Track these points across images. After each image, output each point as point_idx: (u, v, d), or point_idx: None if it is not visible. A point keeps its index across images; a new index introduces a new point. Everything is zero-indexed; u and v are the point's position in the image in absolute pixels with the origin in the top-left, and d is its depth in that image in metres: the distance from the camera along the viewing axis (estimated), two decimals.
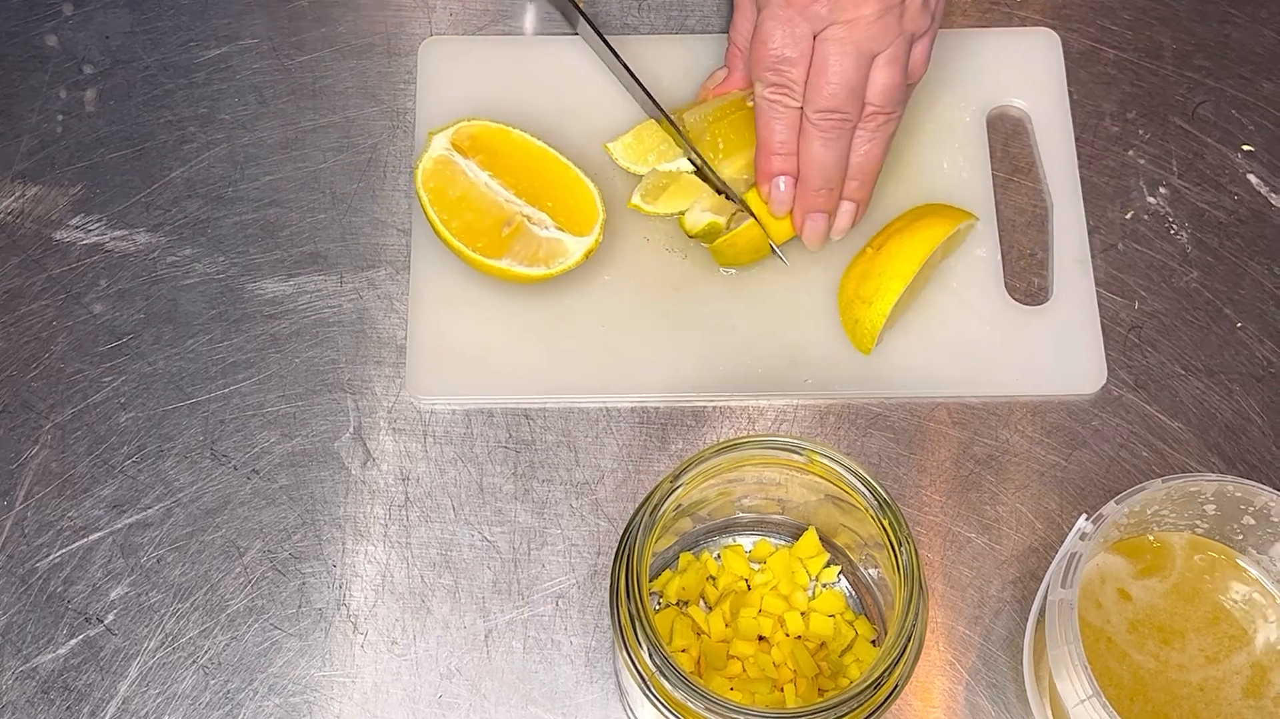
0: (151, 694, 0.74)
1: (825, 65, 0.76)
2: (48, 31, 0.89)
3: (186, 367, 0.81)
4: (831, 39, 0.75)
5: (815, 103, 0.77)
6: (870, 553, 0.70)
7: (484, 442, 0.79)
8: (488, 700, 0.74)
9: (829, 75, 0.76)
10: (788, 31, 0.76)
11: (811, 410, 0.80)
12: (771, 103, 0.78)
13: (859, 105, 0.77)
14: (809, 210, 0.80)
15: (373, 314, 0.82)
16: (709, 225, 0.81)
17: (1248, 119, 0.87)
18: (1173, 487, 0.68)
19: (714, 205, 0.81)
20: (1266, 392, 0.81)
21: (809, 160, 0.79)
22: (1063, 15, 0.90)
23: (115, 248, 0.83)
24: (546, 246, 0.79)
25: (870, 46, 0.75)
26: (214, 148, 0.86)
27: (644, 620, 0.61)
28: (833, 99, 0.76)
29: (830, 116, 0.77)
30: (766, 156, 0.80)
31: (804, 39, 0.76)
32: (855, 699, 0.60)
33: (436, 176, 0.80)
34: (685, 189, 0.82)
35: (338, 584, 0.76)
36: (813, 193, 0.80)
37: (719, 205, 0.81)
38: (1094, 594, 0.71)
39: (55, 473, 0.78)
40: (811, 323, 0.81)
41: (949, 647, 0.75)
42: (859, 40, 0.75)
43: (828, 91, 0.76)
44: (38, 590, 0.76)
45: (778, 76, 0.77)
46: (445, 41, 0.88)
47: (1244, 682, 0.69)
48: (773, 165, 0.80)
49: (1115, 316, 0.82)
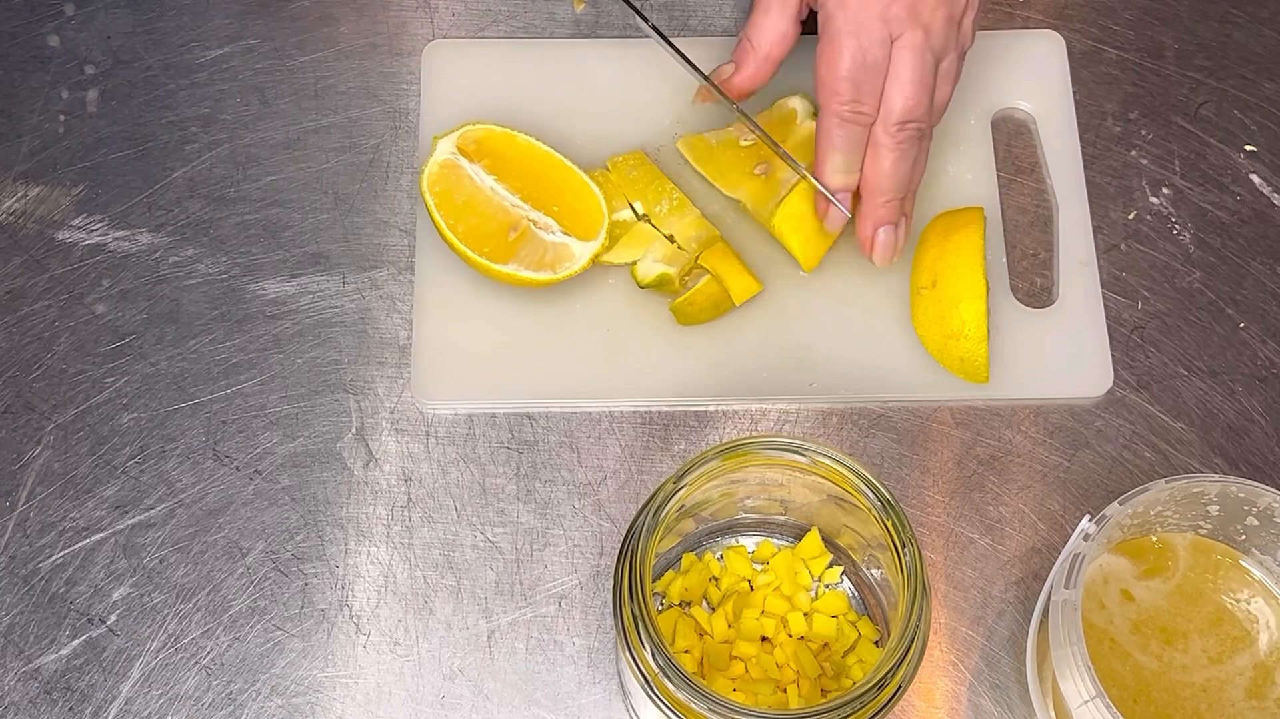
0: (154, 695, 0.74)
1: (903, 73, 0.73)
2: (49, 32, 0.89)
3: (189, 367, 0.81)
4: (909, 45, 0.73)
5: (893, 114, 0.75)
6: (873, 554, 0.70)
7: (486, 442, 0.79)
8: (490, 701, 0.74)
9: (909, 84, 0.74)
10: (862, 44, 0.73)
11: (814, 411, 0.80)
12: (845, 123, 0.75)
13: (930, 115, 0.76)
14: (881, 223, 0.78)
15: (375, 315, 0.82)
16: (660, 276, 0.79)
17: (1250, 119, 0.87)
18: (1176, 487, 0.68)
19: (666, 256, 0.80)
20: (1270, 392, 0.81)
21: (881, 174, 0.76)
22: (1064, 16, 0.90)
23: (117, 248, 0.83)
24: (553, 252, 0.79)
25: (937, 55, 0.74)
26: (216, 148, 0.86)
27: (647, 621, 0.61)
28: (913, 110, 0.74)
29: (908, 128, 0.75)
30: (830, 174, 0.77)
31: (882, 46, 0.73)
32: (858, 700, 0.60)
33: (442, 180, 0.80)
34: (637, 238, 0.81)
35: (340, 585, 0.76)
36: (883, 206, 0.77)
37: (671, 256, 0.80)
38: (1097, 595, 0.71)
39: (58, 473, 0.78)
40: (816, 326, 0.81)
41: (952, 647, 0.75)
42: (934, 47, 0.74)
43: (909, 102, 0.74)
44: (40, 591, 0.76)
45: (855, 90, 0.74)
46: (448, 45, 0.88)
47: (1247, 683, 0.69)
48: (834, 182, 0.77)
49: (1118, 317, 0.82)
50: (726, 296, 0.79)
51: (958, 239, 0.79)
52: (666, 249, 0.80)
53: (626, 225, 0.81)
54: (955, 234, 0.79)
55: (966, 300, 0.78)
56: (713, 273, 0.79)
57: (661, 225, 0.81)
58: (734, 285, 0.79)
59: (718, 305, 0.80)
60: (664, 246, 0.80)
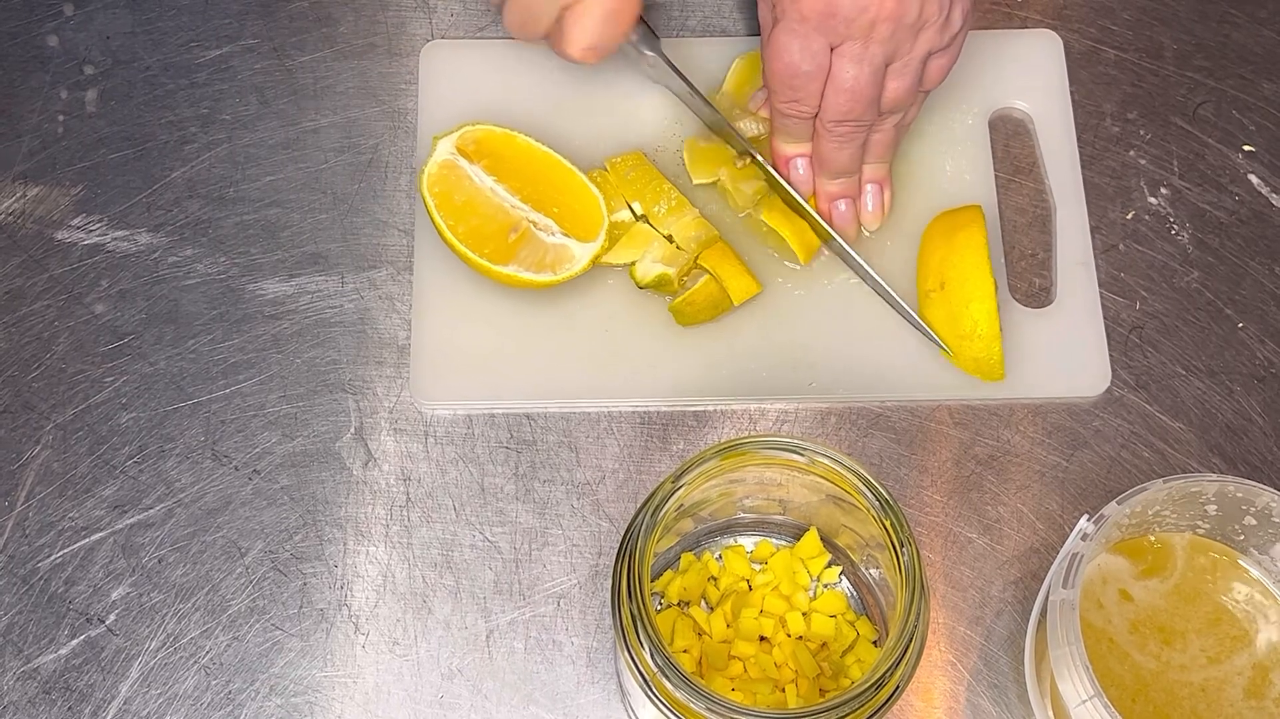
0: (153, 695, 0.74)
1: (841, 80, 0.76)
2: (49, 32, 0.89)
3: (188, 367, 0.81)
4: (848, 55, 0.75)
5: (830, 113, 0.78)
6: (872, 553, 0.70)
7: (485, 442, 0.79)
8: (489, 701, 0.74)
9: (845, 90, 0.76)
10: (803, 45, 0.75)
11: (813, 411, 0.80)
12: (786, 116, 0.79)
13: (875, 111, 0.78)
14: (832, 199, 0.82)
15: (374, 314, 0.82)
16: (659, 276, 0.80)
17: (1248, 119, 0.87)
18: (1174, 487, 0.68)
19: (664, 256, 0.80)
20: (1267, 392, 0.81)
21: (824, 159, 0.80)
22: (1063, 16, 0.90)
23: (116, 248, 0.83)
24: (553, 253, 0.79)
25: (884, 59, 0.76)
26: (215, 148, 0.86)
27: (646, 621, 0.61)
28: (849, 112, 0.77)
29: (844, 125, 0.78)
30: (781, 145, 0.82)
31: (820, 53, 0.76)
32: (857, 700, 0.60)
33: (442, 181, 0.80)
34: (636, 239, 0.81)
35: (339, 585, 0.76)
36: (833, 183, 0.81)
37: (670, 256, 0.80)
38: (1095, 595, 0.71)
39: (57, 473, 0.78)
40: (815, 326, 0.81)
41: (950, 647, 0.75)
42: (873, 55, 0.75)
43: (844, 106, 0.77)
44: (39, 591, 0.76)
45: (793, 92, 0.77)
46: (447, 45, 0.88)
47: (1245, 682, 0.69)
48: (786, 151, 0.82)
49: (1116, 317, 0.82)
50: (725, 297, 0.80)
51: (961, 238, 0.79)
52: (665, 249, 0.80)
53: (625, 226, 0.81)
54: (958, 234, 0.79)
55: (976, 300, 0.78)
56: (712, 273, 0.79)
57: (660, 226, 0.81)
58: (733, 285, 0.79)
59: (717, 305, 0.80)
60: (663, 247, 0.80)
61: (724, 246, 0.81)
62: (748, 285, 0.80)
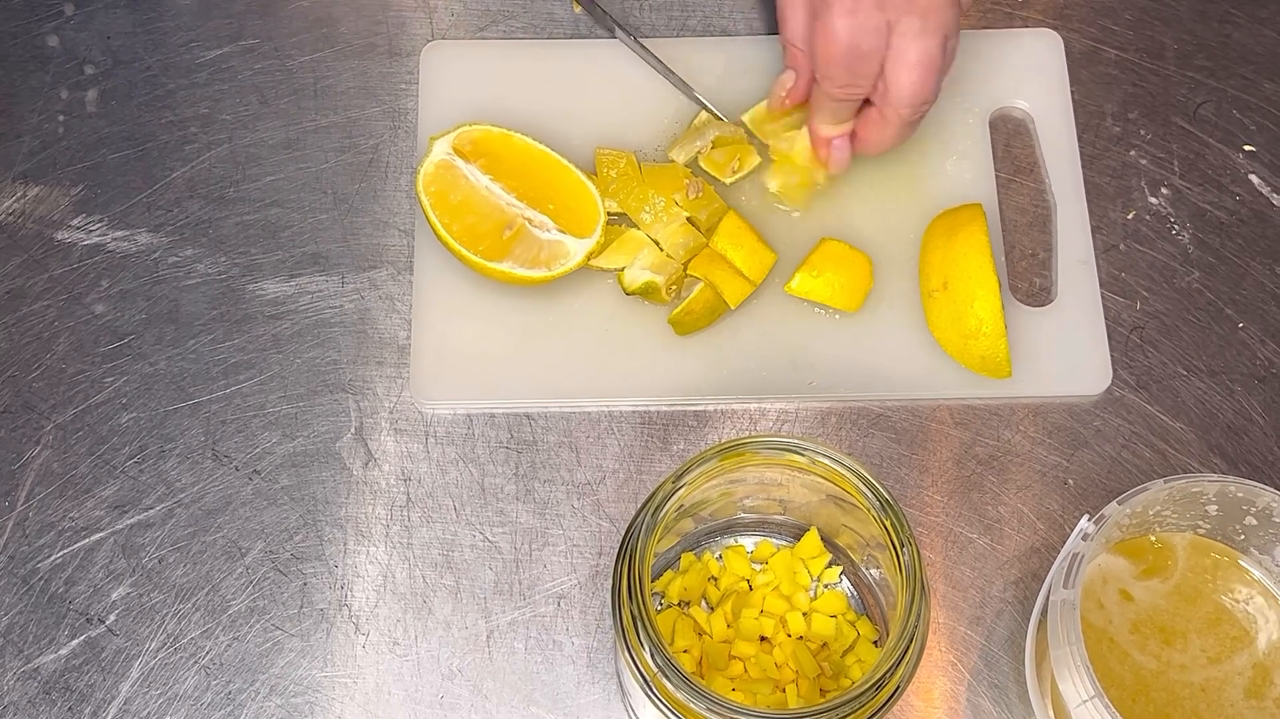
0: (153, 695, 0.74)
1: (909, 57, 0.73)
2: (49, 32, 0.89)
3: (188, 367, 0.81)
4: (910, 32, 0.73)
5: (902, 99, 0.75)
6: (872, 553, 0.70)
7: (485, 442, 0.79)
8: (489, 701, 0.74)
9: (916, 68, 0.74)
10: (861, 24, 0.73)
11: (813, 411, 0.80)
12: (839, 100, 0.77)
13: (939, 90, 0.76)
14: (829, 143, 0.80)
15: (374, 315, 0.82)
16: (646, 284, 0.79)
17: (1249, 119, 0.87)
18: (1175, 487, 0.68)
19: (654, 264, 0.80)
20: (1268, 392, 0.81)
21: (882, 142, 0.79)
22: (1064, 16, 0.90)
23: (117, 248, 0.83)
24: (548, 249, 0.79)
25: (946, 34, 0.74)
26: (215, 148, 0.86)
27: (646, 621, 0.61)
28: (923, 92, 0.75)
29: (920, 110, 0.76)
30: (822, 128, 0.79)
31: (881, 30, 0.73)
32: (857, 700, 0.60)
33: (438, 181, 0.80)
34: (627, 244, 0.81)
35: (339, 585, 0.76)
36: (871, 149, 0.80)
37: (659, 264, 0.80)
38: (1096, 595, 0.71)
39: (57, 473, 0.78)
40: (814, 325, 0.81)
41: (951, 647, 0.75)
42: (937, 27, 0.73)
43: (917, 86, 0.74)
44: (39, 591, 0.76)
45: (851, 75, 0.75)
46: (447, 46, 0.88)
47: (1246, 682, 0.69)
48: (828, 133, 0.80)
49: (1117, 317, 0.82)
50: (722, 301, 0.80)
51: (963, 237, 0.79)
52: (655, 256, 0.80)
53: (617, 230, 0.81)
54: (959, 232, 0.79)
55: (980, 298, 0.78)
56: (705, 280, 0.79)
57: (647, 232, 0.81)
58: (727, 289, 0.79)
59: (714, 310, 0.80)
60: (653, 253, 0.80)
61: (712, 252, 0.80)
62: (741, 287, 0.80)
